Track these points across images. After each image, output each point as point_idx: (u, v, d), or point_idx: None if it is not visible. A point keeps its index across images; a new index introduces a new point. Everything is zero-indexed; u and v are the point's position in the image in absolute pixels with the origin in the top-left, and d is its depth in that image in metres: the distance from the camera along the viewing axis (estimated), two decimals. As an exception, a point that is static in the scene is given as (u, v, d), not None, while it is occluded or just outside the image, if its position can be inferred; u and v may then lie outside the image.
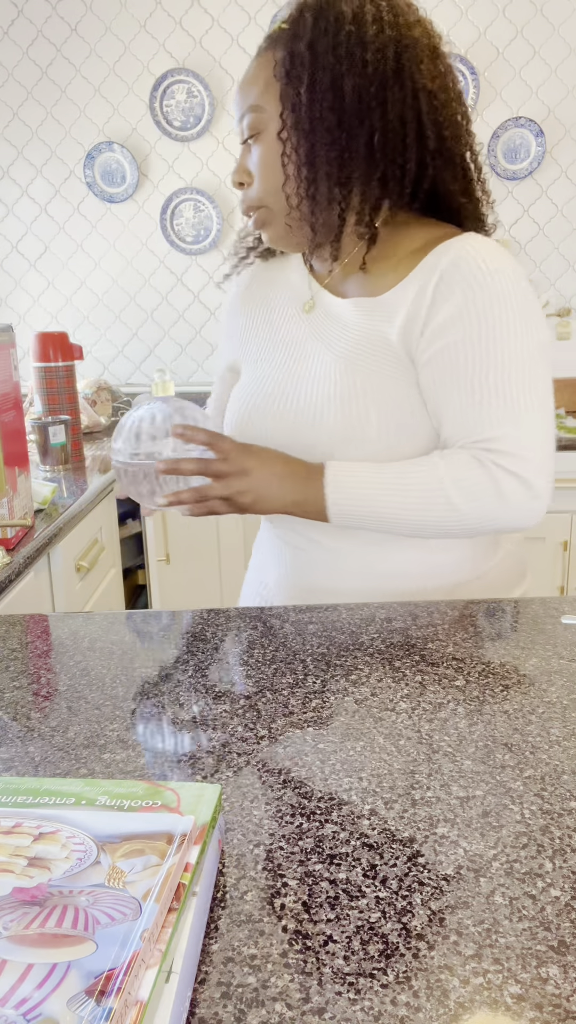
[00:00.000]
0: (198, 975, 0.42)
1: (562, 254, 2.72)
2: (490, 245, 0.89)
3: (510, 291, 0.86)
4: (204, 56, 2.60)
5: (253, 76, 0.91)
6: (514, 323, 0.86)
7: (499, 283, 0.86)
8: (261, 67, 0.90)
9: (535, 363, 0.88)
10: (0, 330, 1.22)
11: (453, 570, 0.99)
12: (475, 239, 0.89)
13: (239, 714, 0.70)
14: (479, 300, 0.85)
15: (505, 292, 0.86)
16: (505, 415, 0.86)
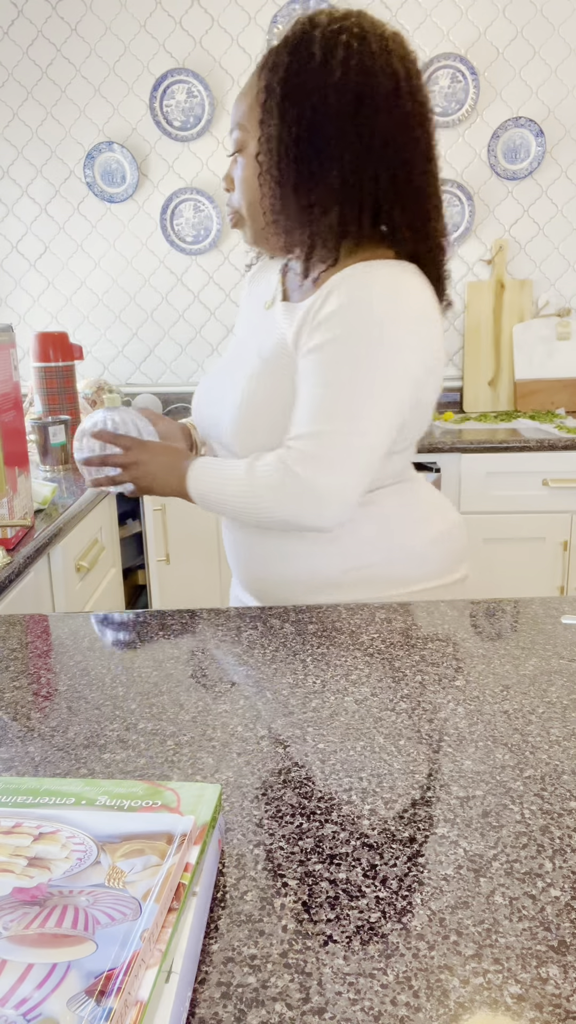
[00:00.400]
0: (198, 975, 0.42)
1: (562, 254, 2.72)
2: (386, 271, 0.94)
3: (374, 312, 0.92)
4: (204, 56, 2.60)
5: (243, 95, 1.00)
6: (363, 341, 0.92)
7: (366, 303, 0.92)
8: (250, 88, 0.98)
9: (371, 383, 0.93)
10: (0, 330, 1.22)
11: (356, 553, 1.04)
12: (375, 265, 0.95)
13: (239, 714, 0.70)
14: (342, 314, 0.93)
15: (369, 312, 0.92)
16: (315, 420, 0.93)
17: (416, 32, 2.55)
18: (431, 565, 1.08)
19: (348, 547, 1.04)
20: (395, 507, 1.05)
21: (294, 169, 0.94)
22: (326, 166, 0.93)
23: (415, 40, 2.56)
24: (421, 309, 0.95)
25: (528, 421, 2.51)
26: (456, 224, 2.69)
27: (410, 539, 1.06)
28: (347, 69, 0.91)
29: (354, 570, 1.04)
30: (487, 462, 2.27)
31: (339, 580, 1.04)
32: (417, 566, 1.07)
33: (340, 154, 0.93)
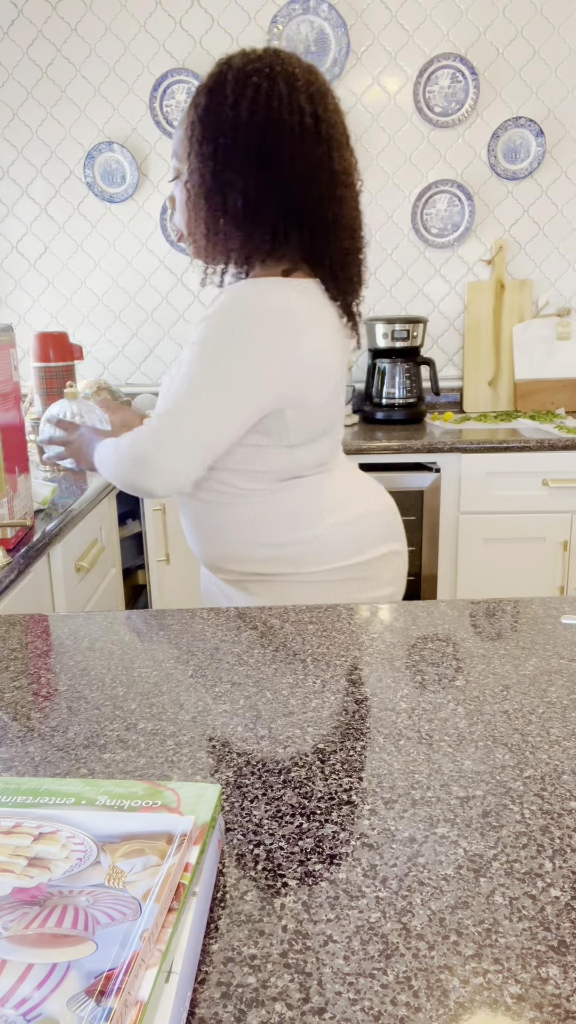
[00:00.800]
0: (198, 975, 0.42)
1: (562, 254, 2.72)
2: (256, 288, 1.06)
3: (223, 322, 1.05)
4: (204, 56, 2.60)
5: (179, 126, 1.12)
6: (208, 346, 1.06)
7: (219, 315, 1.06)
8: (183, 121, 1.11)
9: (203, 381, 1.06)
10: (0, 330, 1.22)
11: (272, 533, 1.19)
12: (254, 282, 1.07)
13: (239, 714, 0.70)
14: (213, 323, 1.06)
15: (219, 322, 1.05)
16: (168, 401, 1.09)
17: (416, 32, 2.55)
18: (340, 548, 1.21)
19: (264, 528, 1.19)
20: (304, 495, 1.20)
21: (206, 197, 1.08)
22: (232, 195, 1.06)
23: (415, 40, 2.56)
24: (281, 327, 1.06)
25: (528, 421, 2.51)
26: (456, 224, 2.69)
27: (315, 525, 1.20)
28: (254, 108, 1.03)
29: (265, 547, 1.20)
30: (487, 462, 2.27)
31: (254, 555, 1.21)
32: (324, 548, 1.20)
33: (244, 184, 1.05)
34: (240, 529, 1.20)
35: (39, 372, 2.05)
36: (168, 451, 1.09)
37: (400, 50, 2.57)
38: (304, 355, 1.09)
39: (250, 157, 1.04)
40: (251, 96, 1.03)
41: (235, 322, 1.05)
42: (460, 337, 2.80)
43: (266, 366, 1.06)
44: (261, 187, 1.05)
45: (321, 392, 1.14)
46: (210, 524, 1.23)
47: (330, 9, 2.50)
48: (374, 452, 2.25)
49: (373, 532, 1.25)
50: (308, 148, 1.05)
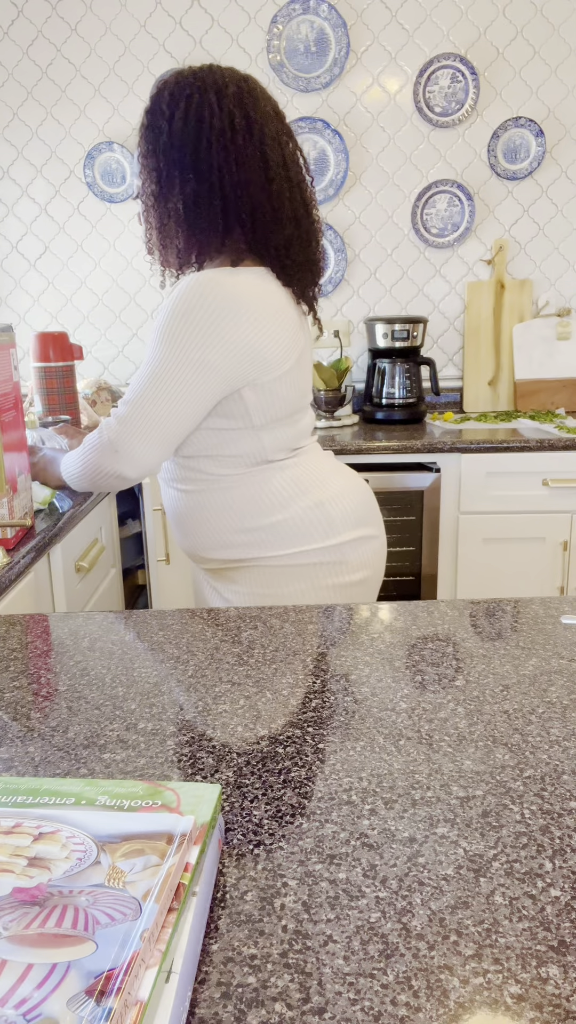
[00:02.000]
0: (198, 975, 0.42)
1: (562, 254, 2.72)
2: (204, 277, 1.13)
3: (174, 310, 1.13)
4: (204, 56, 2.60)
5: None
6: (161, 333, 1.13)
7: (170, 304, 1.13)
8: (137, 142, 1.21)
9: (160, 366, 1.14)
10: (0, 330, 1.22)
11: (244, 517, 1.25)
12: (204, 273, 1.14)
13: (239, 714, 0.70)
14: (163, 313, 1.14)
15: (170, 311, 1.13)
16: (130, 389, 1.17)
17: (416, 32, 2.55)
18: (308, 530, 1.26)
19: (235, 514, 1.25)
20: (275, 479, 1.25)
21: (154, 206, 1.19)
22: (174, 199, 1.16)
23: (415, 40, 2.56)
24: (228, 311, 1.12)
25: (528, 421, 2.51)
26: (456, 224, 2.69)
27: (285, 508, 1.25)
28: (186, 118, 1.13)
29: (239, 532, 1.25)
30: (487, 462, 2.27)
31: (230, 541, 1.26)
32: (293, 531, 1.26)
33: (183, 188, 1.15)
34: (215, 515, 1.26)
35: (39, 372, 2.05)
36: (132, 433, 1.16)
37: (400, 50, 2.57)
38: (252, 337, 1.15)
39: (185, 163, 1.14)
40: (183, 108, 1.13)
41: (184, 309, 1.12)
42: (460, 337, 2.80)
43: (216, 348, 1.13)
44: (199, 188, 1.15)
45: (275, 372, 1.19)
46: (189, 513, 1.28)
47: (330, 9, 2.50)
48: (374, 452, 2.25)
49: (343, 515, 1.29)
50: (239, 148, 1.13)
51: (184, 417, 1.17)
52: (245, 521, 1.26)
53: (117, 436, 1.17)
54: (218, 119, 1.13)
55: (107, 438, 1.18)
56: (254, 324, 1.15)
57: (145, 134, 1.18)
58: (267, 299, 1.17)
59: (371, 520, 1.34)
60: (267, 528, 1.25)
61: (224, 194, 1.15)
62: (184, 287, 1.13)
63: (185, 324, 1.12)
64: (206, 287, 1.12)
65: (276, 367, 1.19)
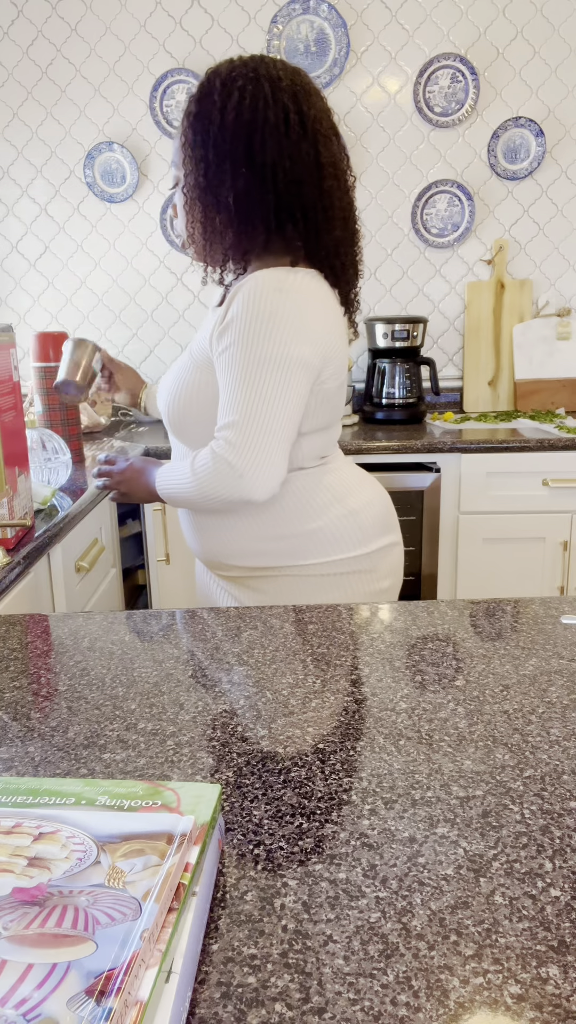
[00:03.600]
0: (198, 975, 0.42)
1: (562, 254, 2.72)
2: (276, 275, 1.10)
3: (263, 312, 1.08)
4: (204, 56, 2.60)
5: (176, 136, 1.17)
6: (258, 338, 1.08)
7: (257, 306, 1.08)
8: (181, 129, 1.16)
9: (266, 372, 1.09)
10: (0, 330, 1.22)
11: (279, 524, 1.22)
12: (271, 270, 1.11)
13: (239, 714, 0.70)
14: (240, 322, 1.09)
15: (259, 313, 1.08)
16: (231, 411, 1.10)
17: (416, 32, 2.55)
18: (342, 539, 1.24)
19: (268, 521, 1.22)
20: (308, 487, 1.23)
21: (201, 199, 1.13)
22: (224, 194, 1.12)
23: (415, 40, 2.56)
24: (310, 305, 1.11)
25: (528, 421, 2.51)
26: (456, 224, 2.69)
27: (318, 516, 1.23)
28: (240, 110, 1.08)
29: (270, 540, 1.22)
30: (487, 462, 2.27)
31: (260, 549, 1.23)
32: (330, 539, 1.23)
33: (234, 182, 1.10)
34: (246, 521, 1.22)
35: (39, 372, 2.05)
36: (254, 454, 1.09)
37: (400, 50, 2.57)
38: (326, 337, 1.13)
39: (238, 156, 1.09)
40: (237, 99, 1.09)
41: (270, 309, 1.08)
42: (460, 337, 2.80)
43: (305, 344, 1.10)
44: (251, 184, 1.10)
45: (338, 377, 1.19)
46: (214, 520, 1.24)
47: (330, 9, 2.50)
48: (374, 452, 2.25)
49: (373, 523, 1.27)
50: (293, 144, 1.10)
51: (294, 420, 1.12)
52: (279, 528, 1.22)
53: (238, 461, 1.09)
54: (272, 112, 1.08)
55: (227, 464, 1.10)
56: (326, 325, 1.13)
57: (193, 123, 1.12)
58: (328, 302, 1.15)
59: (394, 527, 1.33)
60: (302, 536, 1.22)
61: (277, 190, 1.11)
62: (258, 288, 1.09)
63: (273, 324, 1.08)
64: (283, 283, 1.10)
65: (339, 372, 1.18)
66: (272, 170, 1.10)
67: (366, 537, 1.26)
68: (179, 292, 2.79)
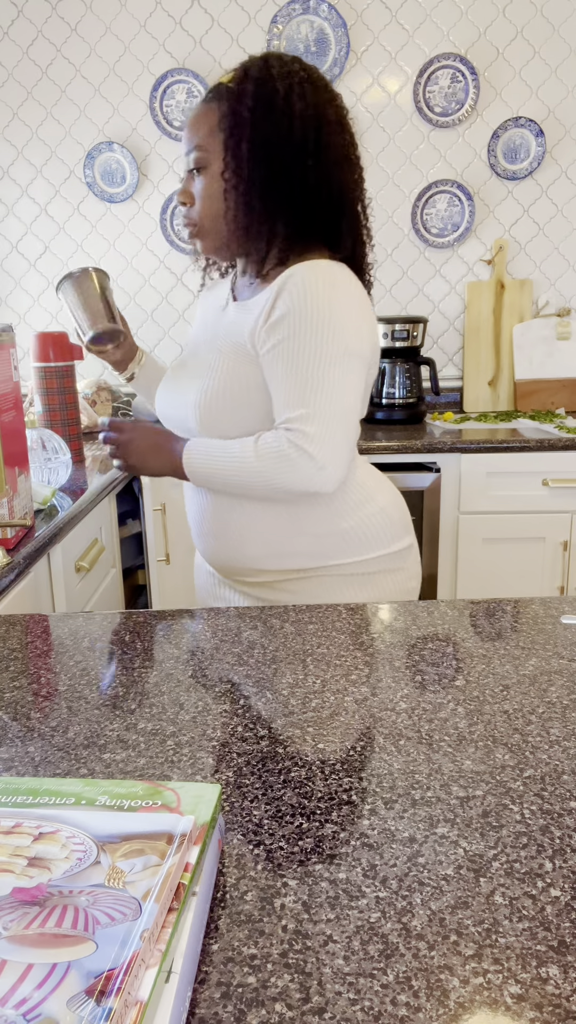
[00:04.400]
0: (198, 975, 0.42)
1: (562, 254, 2.72)
2: (323, 268, 1.09)
3: (321, 305, 1.07)
4: (204, 56, 2.60)
5: (200, 120, 1.12)
6: (319, 331, 1.07)
7: (313, 298, 1.07)
8: (207, 114, 1.11)
9: (333, 365, 1.08)
10: (0, 330, 1.22)
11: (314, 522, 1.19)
12: (316, 263, 1.10)
13: (239, 714, 0.70)
14: (295, 313, 1.07)
15: (317, 306, 1.07)
16: (299, 404, 1.08)
17: (416, 32, 2.55)
18: (375, 536, 1.22)
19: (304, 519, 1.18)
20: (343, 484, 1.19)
21: (260, 186, 1.10)
22: (287, 184, 1.09)
23: (415, 40, 2.56)
24: (357, 298, 1.11)
25: (528, 421, 2.51)
26: (456, 224, 2.69)
27: (352, 513, 1.20)
28: (305, 103, 1.08)
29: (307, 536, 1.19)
30: (487, 462, 2.27)
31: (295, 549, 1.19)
32: (363, 537, 1.21)
33: (301, 174, 1.09)
34: (277, 521, 1.18)
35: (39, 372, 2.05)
36: (333, 446, 1.08)
37: (400, 50, 2.57)
38: (372, 329, 1.14)
39: (309, 148, 1.08)
40: (298, 90, 1.08)
41: (323, 300, 1.07)
42: (460, 337, 2.80)
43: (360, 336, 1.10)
44: (315, 174, 1.10)
45: (376, 368, 1.19)
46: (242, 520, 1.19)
47: (330, 9, 2.50)
48: (374, 452, 2.25)
49: (400, 520, 1.26)
50: (339, 137, 1.11)
51: (359, 413, 1.13)
52: (314, 526, 1.19)
53: (320, 453, 1.07)
54: (312, 110, 1.09)
55: (307, 456, 1.07)
56: (371, 317, 1.14)
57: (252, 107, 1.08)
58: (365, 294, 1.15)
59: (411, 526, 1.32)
60: (336, 534, 1.19)
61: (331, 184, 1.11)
62: (311, 281, 1.08)
63: (332, 316, 1.07)
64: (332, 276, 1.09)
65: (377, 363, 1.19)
66: (332, 166, 1.10)
67: (395, 535, 1.24)
68: (179, 292, 2.79)
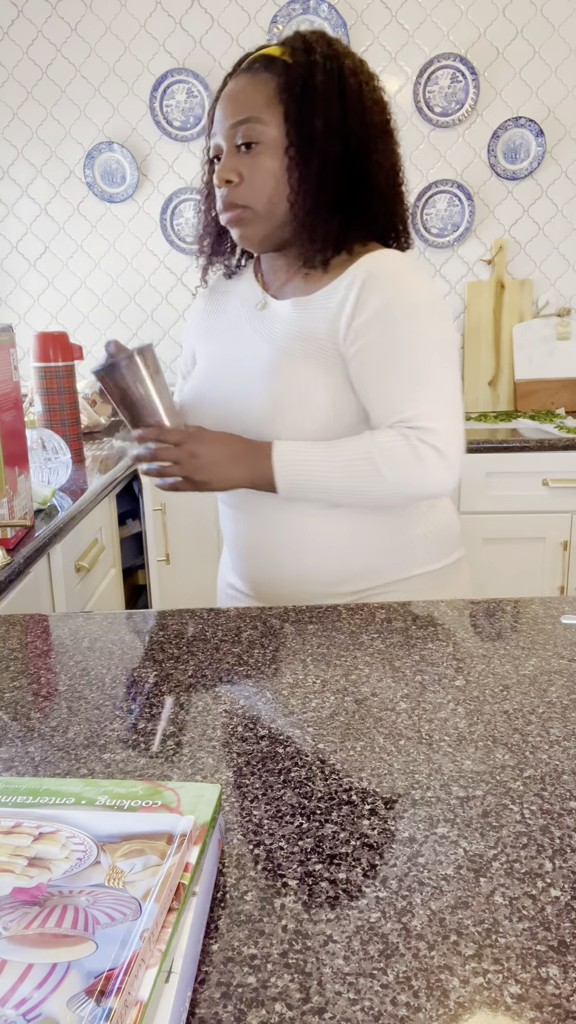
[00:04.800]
0: (198, 975, 0.42)
1: (562, 254, 2.72)
2: (402, 258, 1.05)
3: (419, 295, 1.02)
4: (204, 56, 2.60)
5: (250, 90, 1.00)
6: (422, 322, 1.01)
7: (410, 289, 1.01)
8: (258, 84, 1.00)
9: (441, 355, 1.01)
10: (0, 330, 1.22)
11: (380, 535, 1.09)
12: (391, 253, 1.04)
13: (239, 714, 0.70)
14: (393, 303, 1.00)
15: (415, 296, 1.01)
16: (418, 397, 1.00)
17: (416, 32, 2.55)
18: (450, 539, 1.16)
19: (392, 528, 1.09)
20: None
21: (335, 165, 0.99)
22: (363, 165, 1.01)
23: (415, 40, 2.56)
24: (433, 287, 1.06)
25: (528, 421, 2.51)
26: (456, 224, 2.69)
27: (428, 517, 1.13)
28: (367, 77, 1.01)
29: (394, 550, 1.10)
30: (487, 462, 2.27)
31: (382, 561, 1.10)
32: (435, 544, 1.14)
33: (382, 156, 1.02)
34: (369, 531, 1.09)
35: (39, 372, 2.05)
36: (457, 443, 1.01)
37: (400, 50, 2.57)
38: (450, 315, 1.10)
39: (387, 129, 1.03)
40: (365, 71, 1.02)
41: (417, 291, 1.02)
42: (460, 337, 2.80)
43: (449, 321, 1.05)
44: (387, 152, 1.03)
45: None
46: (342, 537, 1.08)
47: (330, 9, 2.50)
48: (374, 452, 2.25)
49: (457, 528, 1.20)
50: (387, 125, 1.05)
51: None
52: (398, 535, 1.09)
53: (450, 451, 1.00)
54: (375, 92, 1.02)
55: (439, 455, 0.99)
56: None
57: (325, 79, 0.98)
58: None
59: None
60: (417, 539, 1.11)
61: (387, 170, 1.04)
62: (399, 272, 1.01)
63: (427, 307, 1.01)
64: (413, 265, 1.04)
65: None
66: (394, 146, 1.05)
67: (457, 540, 1.17)
68: (179, 292, 2.79)
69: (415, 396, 1.00)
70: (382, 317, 0.99)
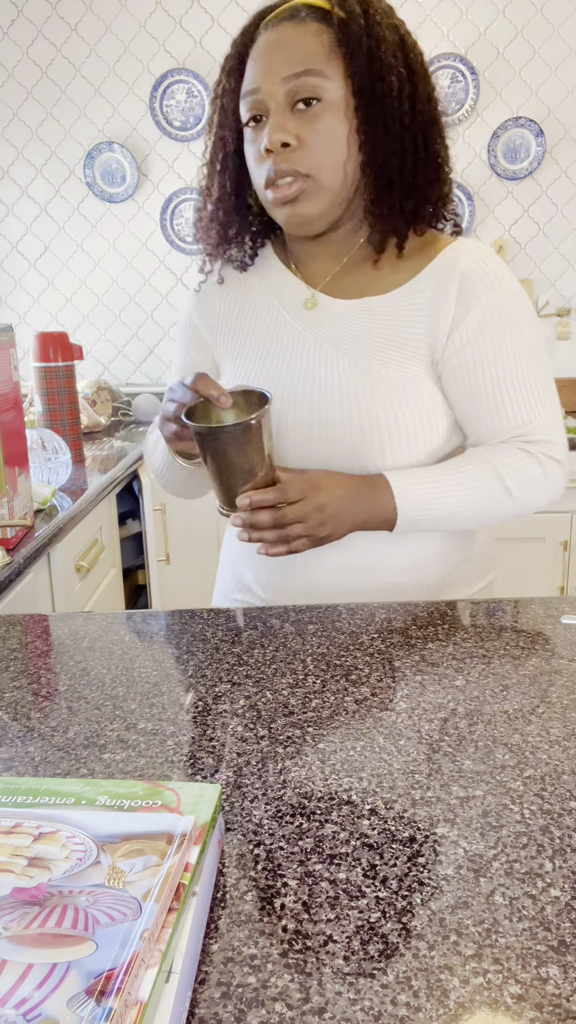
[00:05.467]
0: (198, 975, 0.42)
1: (562, 254, 2.72)
2: (491, 251, 0.95)
3: (521, 296, 0.93)
4: (204, 56, 2.60)
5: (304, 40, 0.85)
6: (528, 324, 0.93)
7: (514, 290, 0.93)
8: (311, 34, 0.85)
9: (546, 361, 0.96)
10: (0, 330, 1.22)
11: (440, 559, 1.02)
12: (479, 245, 0.94)
13: (239, 714, 0.70)
14: (502, 305, 0.90)
15: (517, 295, 0.93)
16: (536, 407, 0.93)
17: (416, 32, 2.55)
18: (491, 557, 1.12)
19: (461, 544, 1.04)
20: None
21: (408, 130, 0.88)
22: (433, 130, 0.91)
23: (415, 40, 2.56)
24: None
25: (528, 421, 2.51)
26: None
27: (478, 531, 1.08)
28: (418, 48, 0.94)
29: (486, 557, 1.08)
30: (487, 462, 2.27)
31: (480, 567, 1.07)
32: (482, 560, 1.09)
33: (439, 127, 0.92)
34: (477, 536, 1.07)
35: (39, 372, 2.05)
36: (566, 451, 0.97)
37: (400, 50, 2.57)
38: None
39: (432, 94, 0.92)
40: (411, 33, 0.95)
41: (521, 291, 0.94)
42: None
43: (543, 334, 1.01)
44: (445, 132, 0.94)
45: None
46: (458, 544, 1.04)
47: (330, 9, 2.50)
48: (374, 452, 2.25)
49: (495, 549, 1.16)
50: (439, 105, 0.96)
51: None
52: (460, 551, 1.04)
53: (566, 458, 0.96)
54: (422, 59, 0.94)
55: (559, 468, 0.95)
56: None
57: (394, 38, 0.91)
58: None
59: None
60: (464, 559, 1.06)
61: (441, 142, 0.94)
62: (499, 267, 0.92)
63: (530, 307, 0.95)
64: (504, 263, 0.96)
65: None
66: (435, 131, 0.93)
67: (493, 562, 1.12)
68: (179, 292, 2.79)
69: (531, 406, 0.92)
70: (492, 322, 0.90)
